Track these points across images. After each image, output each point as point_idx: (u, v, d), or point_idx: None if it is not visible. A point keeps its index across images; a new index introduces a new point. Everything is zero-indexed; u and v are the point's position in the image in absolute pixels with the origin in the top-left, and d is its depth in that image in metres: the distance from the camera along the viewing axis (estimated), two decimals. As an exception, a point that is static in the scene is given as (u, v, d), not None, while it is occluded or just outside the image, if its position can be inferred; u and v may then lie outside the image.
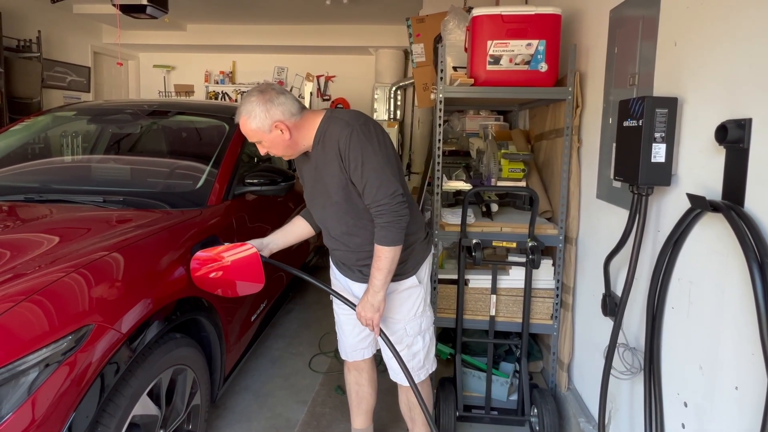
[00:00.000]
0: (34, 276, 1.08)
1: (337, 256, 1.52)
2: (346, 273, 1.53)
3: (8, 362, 0.93)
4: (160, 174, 2.04)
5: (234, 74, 6.95)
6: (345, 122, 1.29)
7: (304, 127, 1.33)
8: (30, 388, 0.95)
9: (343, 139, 1.26)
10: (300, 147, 1.36)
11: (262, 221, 2.13)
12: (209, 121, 2.32)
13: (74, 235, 1.35)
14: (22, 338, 0.96)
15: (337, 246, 1.47)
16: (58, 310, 1.03)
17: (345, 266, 1.51)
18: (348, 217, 1.38)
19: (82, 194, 1.73)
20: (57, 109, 2.44)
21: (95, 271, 1.15)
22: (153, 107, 2.38)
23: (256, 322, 2.12)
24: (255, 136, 1.31)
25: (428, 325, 1.54)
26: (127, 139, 2.27)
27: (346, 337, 1.65)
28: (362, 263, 1.45)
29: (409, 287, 1.47)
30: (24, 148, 2.14)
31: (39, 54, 4.68)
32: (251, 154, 2.63)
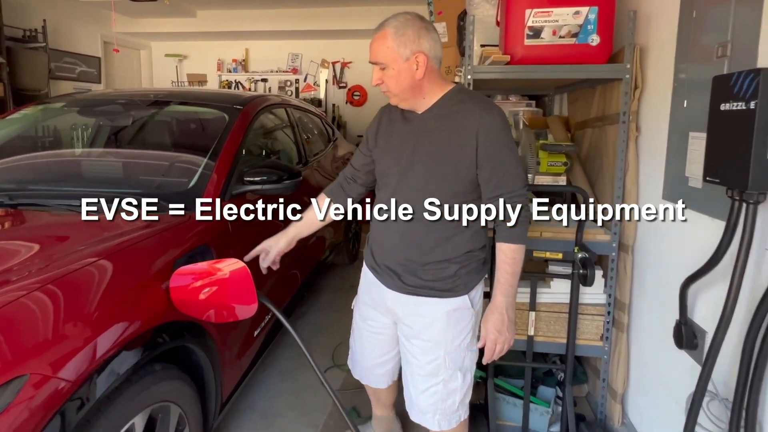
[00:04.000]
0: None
1: (387, 252, 1.28)
2: (384, 278, 1.30)
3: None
4: (146, 172, 1.80)
5: (247, 62, 6.72)
6: (488, 106, 1.18)
7: (434, 81, 1.19)
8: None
9: (486, 121, 1.13)
10: (419, 97, 1.19)
11: (266, 226, 1.88)
12: (208, 111, 2.07)
13: (16, 253, 1.12)
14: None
15: (400, 239, 1.24)
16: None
17: (387, 269, 1.28)
18: (450, 198, 1.18)
19: (52, 197, 1.51)
20: (45, 101, 2.23)
21: (34, 304, 0.92)
22: (148, 97, 2.15)
23: (260, 336, 1.89)
24: (387, 56, 1.14)
25: (471, 364, 1.30)
26: (115, 133, 2.05)
27: (365, 357, 1.46)
28: (420, 266, 1.22)
29: (459, 308, 1.24)
30: (5, 144, 1.94)
31: (45, 44, 4.53)
32: (260, 146, 2.40)
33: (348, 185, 1.41)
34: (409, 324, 1.28)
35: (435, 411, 1.28)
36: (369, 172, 1.37)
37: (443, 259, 1.20)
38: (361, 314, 1.42)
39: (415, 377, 1.29)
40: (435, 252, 1.21)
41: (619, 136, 1.62)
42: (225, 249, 1.52)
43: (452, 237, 1.20)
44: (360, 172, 1.39)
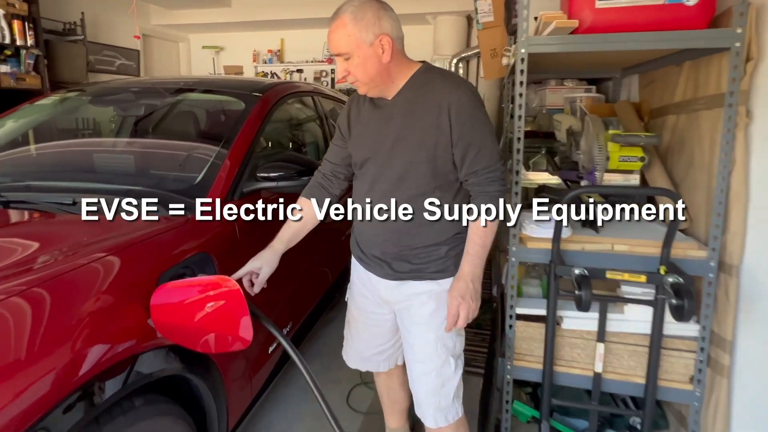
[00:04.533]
0: None
1: (373, 242, 1.26)
2: (373, 268, 1.29)
3: None
4: (151, 167, 1.61)
5: (282, 52, 6.58)
6: (456, 82, 1.15)
7: (401, 63, 1.16)
8: None
9: (456, 98, 1.11)
10: (388, 82, 1.16)
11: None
12: (224, 99, 1.86)
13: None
14: None
15: (384, 228, 1.22)
16: None
17: (376, 258, 1.27)
18: (431, 181, 1.16)
19: (45, 192, 1.34)
20: (63, 91, 2.10)
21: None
22: (165, 85, 1.97)
23: (277, 351, 1.68)
24: (350, 44, 1.10)
25: (461, 350, 1.29)
26: (125, 123, 1.88)
27: (365, 347, 1.43)
28: (408, 250, 1.21)
29: (448, 289, 1.20)
30: (18, 136, 1.81)
31: (83, 37, 4.54)
32: (283, 137, 2.18)
33: (329, 182, 1.34)
34: (404, 310, 1.28)
35: (429, 403, 1.26)
36: (349, 164, 1.31)
37: (432, 243, 1.20)
38: (359, 307, 1.38)
39: (411, 364, 1.29)
40: (422, 237, 1.20)
41: (723, 124, 1.25)
42: (230, 257, 1.30)
43: (438, 221, 1.18)
44: (340, 166, 1.33)
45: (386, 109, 1.18)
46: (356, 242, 1.32)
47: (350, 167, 1.32)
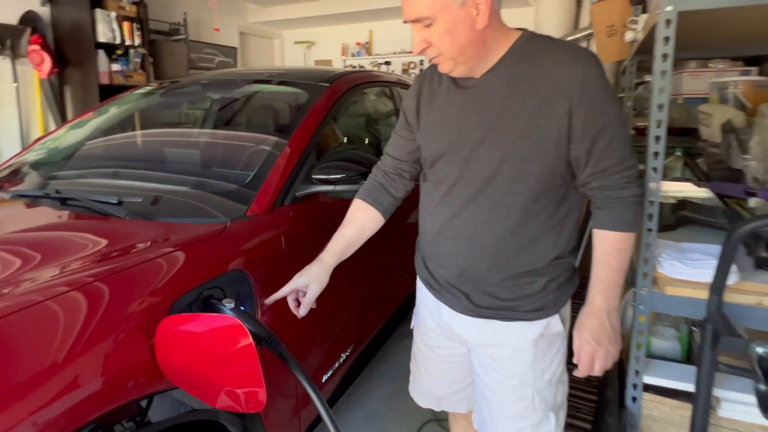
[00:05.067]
0: None
1: (446, 265, 0.99)
2: (445, 298, 1.01)
3: None
4: (197, 165, 1.47)
5: (370, 45, 6.46)
6: (575, 52, 0.86)
7: (499, 29, 0.88)
8: None
9: (579, 73, 0.83)
10: (481, 55, 0.87)
11: None
12: (288, 91, 1.69)
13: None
14: None
15: (462, 248, 0.95)
16: None
17: (450, 286, 0.99)
18: (534, 186, 0.88)
19: (95, 193, 1.25)
20: (138, 88, 2.10)
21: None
22: (233, 79, 1.86)
23: (334, 378, 1.46)
24: (434, 5, 0.82)
25: (564, 399, 1.04)
26: (187, 118, 1.79)
27: (436, 387, 1.18)
28: (496, 280, 0.94)
29: (548, 332, 0.97)
30: (82, 135, 1.81)
31: (185, 36, 4.81)
32: (352, 133, 1.96)
33: (390, 181, 1.09)
34: (485, 355, 1.02)
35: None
36: (417, 161, 1.07)
37: (527, 270, 0.93)
38: (425, 340, 1.14)
39: (495, 418, 1.03)
40: (515, 261, 0.92)
41: None
42: (271, 276, 1.10)
43: (538, 239, 0.92)
44: (405, 162, 1.07)
45: (474, 90, 0.90)
46: (423, 262, 1.06)
47: (418, 164, 1.07)
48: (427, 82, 0.99)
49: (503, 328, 0.97)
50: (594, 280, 0.91)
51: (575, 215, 0.94)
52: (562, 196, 0.90)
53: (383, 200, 1.08)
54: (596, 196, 0.89)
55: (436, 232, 0.98)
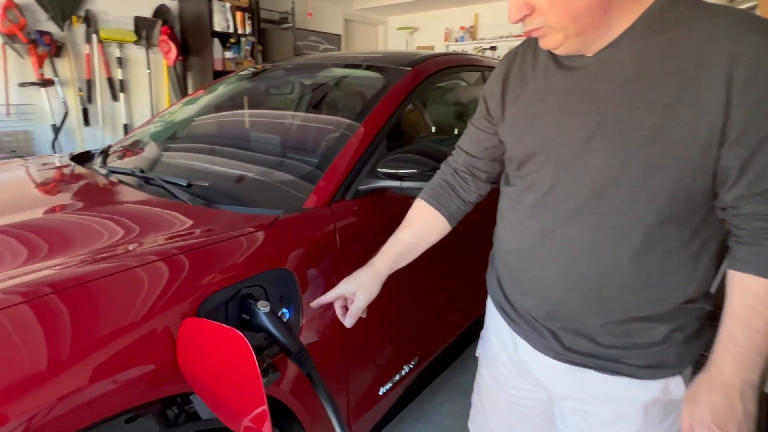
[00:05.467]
0: None
1: (532, 294, 0.78)
2: (525, 332, 0.82)
3: None
4: (267, 152, 1.42)
5: (475, 29, 6.11)
6: (741, 21, 0.59)
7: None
8: None
9: (748, 50, 0.57)
10: (599, 26, 0.65)
11: None
12: (366, 75, 1.58)
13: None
14: None
15: (556, 274, 0.73)
16: None
17: (533, 320, 0.79)
18: (666, 205, 0.64)
19: (168, 174, 1.26)
20: (230, 74, 2.16)
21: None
22: (313, 64, 1.81)
23: (393, 393, 1.34)
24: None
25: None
26: (267, 103, 1.77)
27: (503, 429, 0.96)
28: (598, 320, 0.72)
29: (665, 398, 0.73)
30: (175, 121, 1.89)
31: (292, 24, 4.99)
32: (436, 123, 1.80)
33: (460, 182, 0.91)
34: (573, 410, 0.80)
35: None
36: (496, 159, 0.87)
37: (643, 315, 0.70)
38: (494, 375, 0.93)
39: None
40: (628, 302, 0.70)
41: None
42: (323, 278, 1.00)
43: (663, 276, 0.68)
44: (481, 160, 0.88)
45: (584, 73, 0.68)
46: (498, 283, 0.88)
47: (498, 164, 0.89)
48: (518, 62, 0.79)
49: (602, 382, 0.75)
50: (725, 340, 0.65)
51: (714, 246, 0.70)
52: (700, 221, 0.66)
53: (450, 204, 0.92)
54: (743, 227, 0.63)
55: (519, 250, 0.78)
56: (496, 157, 0.88)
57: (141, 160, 1.53)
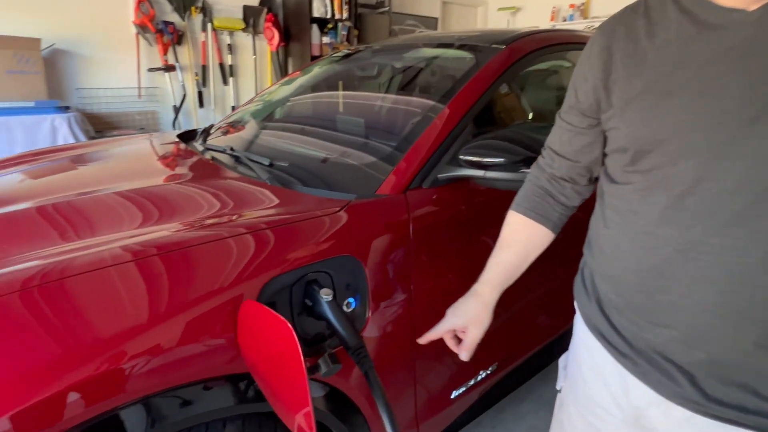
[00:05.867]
0: None
1: (679, 324, 0.60)
2: (648, 374, 0.64)
3: None
4: (349, 134, 1.38)
5: (587, 6, 5.53)
6: None
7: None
8: None
9: None
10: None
11: (482, 246, 1.15)
12: (456, 55, 1.46)
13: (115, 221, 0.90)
14: None
15: (717, 299, 0.56)
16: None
17: (658, 356, 0.63)
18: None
19: (255, 154, 1.30)
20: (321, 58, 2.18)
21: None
22: (406, 43, 1.74)
23: (466, 398, 1.26)
24: None
25: None
26: (350, 84, 1.74)
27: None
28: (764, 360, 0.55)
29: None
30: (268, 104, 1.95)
31: (388, 8, 4.95)
32: (533, 108, 1.63)
33: (561, 189, 0.78)
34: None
35: None
36: (596, 160, 0.72)
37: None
38: (588, 419, 0.75)
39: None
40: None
41: None
42: (392, 269, 0.95)
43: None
44: (579, 163, 0.74)
45: (737, 33, 0.53)
46: (600, 309, 0.70)
47: (598, 164, 0.74)
48: (622, 33, 0.64)
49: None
50: None
51: None
52: None
53: (552, 213, 0.80)
54: None
55: (648, 267, 0.62)
56: (596, 157, 0.73)
57: (233, 138, 1.61)
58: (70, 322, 0.64)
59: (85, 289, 0.67)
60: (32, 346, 0.61)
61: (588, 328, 0.74)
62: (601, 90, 0.66)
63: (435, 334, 0.83)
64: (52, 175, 1.35)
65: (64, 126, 3.05)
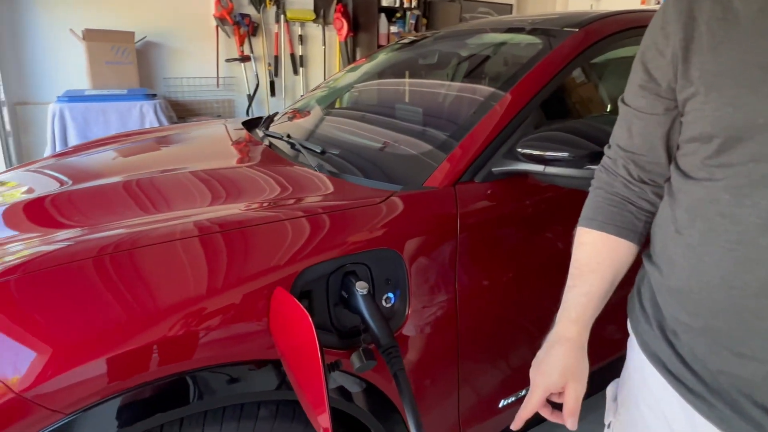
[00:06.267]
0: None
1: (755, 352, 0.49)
2: (729, 421, 0.52)
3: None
4: (403, 121, 1.33)
5: (687, -13, 4.95)
6: None
7: None
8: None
9: None
10: None
11: (537, 246, 1.05)
12: (523, 39, 1.35)
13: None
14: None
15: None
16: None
17: (754, 406, 0.50)
18: None
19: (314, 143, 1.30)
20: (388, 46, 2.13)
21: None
22: (469, 29, 1.65)
23: (516, 409, 1.18)
24: None
25: None
26: (411, 71, 1.68)
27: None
28: None
29: None
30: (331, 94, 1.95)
31: (461, -5, 4.79)
32: (598, 99, 1.48)
33: (641, 192, 0.64)
34: None
35: None
36: (669, 151, 0.59)
37: None
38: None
39: None
40: None
41: None
42: (435, 266, 0.90)
43: None
44: (659, 163, 0.62)
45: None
46: (663, 335, 0.59)
47: (667, 159, 0.62)
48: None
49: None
50: None
51: None
52: None
53: (636, 223, 0.66)
54: None
55: (744, 285, 0.50)
56: (674, 145, 0.60)
57: (292, 126, 1.63)
58: (134, 288, 0.69)
59: (151, 260, 0.72)
60: (100, 307, 0.66)
61: (645, 356, 0.62)
62: (679, 62, 0.54)
63: (530, 411, 0.66)
64: (138, 154, 1.51)
65: (151, 112, 3.32)
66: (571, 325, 0.65)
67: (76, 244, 0.75)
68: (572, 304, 0.66)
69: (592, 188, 0.70)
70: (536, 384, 0.65)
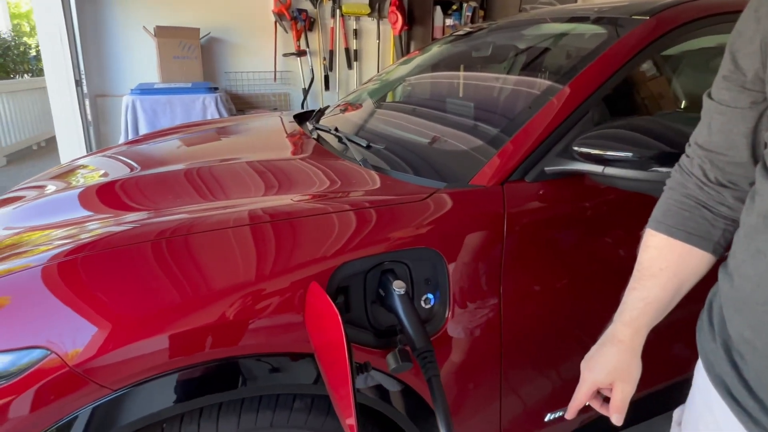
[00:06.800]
0: None
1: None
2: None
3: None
4: (453, 115, 1.27)
5: (782, -31, 4.42)
6: None
7: None
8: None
9: None
10: None
11: (592, 252, 0.97)
12: (587, 29, 1.25)
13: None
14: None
15: None
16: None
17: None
18: None
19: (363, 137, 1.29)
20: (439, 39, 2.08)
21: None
22: (529, 19, 1.57)
23: (565, 425, 1.11)
24: None
25: None
26: (464, 64, 1.61)
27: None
28: None
29: None
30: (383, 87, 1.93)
31: (523, -16, 4.58)
32: (683, 95, 1.35)
33: (719, 197, 0.58)
34: None
35: None
36: (754, 148, 0.53)
37: None
38: None
39: None
40: None
41: None
42: (479, 269, 0.86)
43: None
44: (744, 164, 0.54)
45: None
46: (729, 359, 0.53)
47: (751, 159, 0.55)
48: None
49: None
50: None
51: None
52: None
53: (713, 231, 0.60)
54: None
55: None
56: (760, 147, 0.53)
57: (341, 119, 1.64)
58: (188, 272, 0.72)
59: (205, 245, 0.75)
60: (155, 288, 0.69)
61: (709, 378, 0.56)
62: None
63: (578, 403, 0.67)
64: (200, 144, 1.61)
65: (212, 104, 3.48)
66: (624, 328, 0.64)
67: (138, 227, 0.79)
68: (629, 306, 0.65)
69: (665, 188, 0.65)
70: (584, 378, 0.67)
